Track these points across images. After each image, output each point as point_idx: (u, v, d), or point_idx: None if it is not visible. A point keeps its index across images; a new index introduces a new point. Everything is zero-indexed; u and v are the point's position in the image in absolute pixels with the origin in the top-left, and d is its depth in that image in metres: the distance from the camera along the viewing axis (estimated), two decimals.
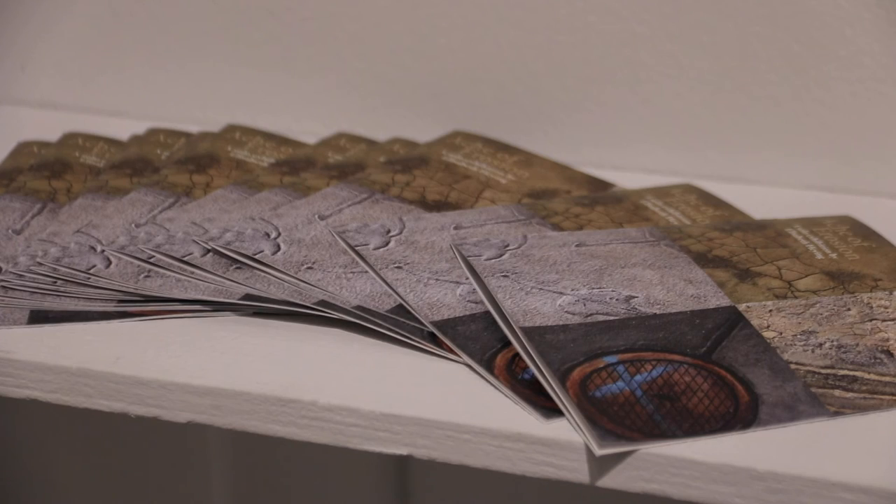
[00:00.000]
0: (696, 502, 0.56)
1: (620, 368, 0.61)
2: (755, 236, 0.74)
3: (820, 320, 0.66)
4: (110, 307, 0.68)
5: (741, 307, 0.66)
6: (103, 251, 0.71)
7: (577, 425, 0.57)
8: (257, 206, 0.76)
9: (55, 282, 0.69)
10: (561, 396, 0.59)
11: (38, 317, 0.67)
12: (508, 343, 0.63)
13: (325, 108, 0.93)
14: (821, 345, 0.64)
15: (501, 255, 0.69)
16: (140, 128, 0.89)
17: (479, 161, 0.84)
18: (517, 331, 0.62)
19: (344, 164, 0.83)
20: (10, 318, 0.67)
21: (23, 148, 0.86)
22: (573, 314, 0.64)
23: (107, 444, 1.06)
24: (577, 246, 0.70)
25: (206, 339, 0.65)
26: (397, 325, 0.65)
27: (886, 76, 0.83)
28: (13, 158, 0.85)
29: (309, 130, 0.91)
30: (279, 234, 0.72)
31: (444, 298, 0.66)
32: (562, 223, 0.75)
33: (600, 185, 0.83)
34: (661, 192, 0.81)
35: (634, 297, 0.66)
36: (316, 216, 0.74)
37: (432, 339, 0.64)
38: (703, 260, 0.70)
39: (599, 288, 0.67)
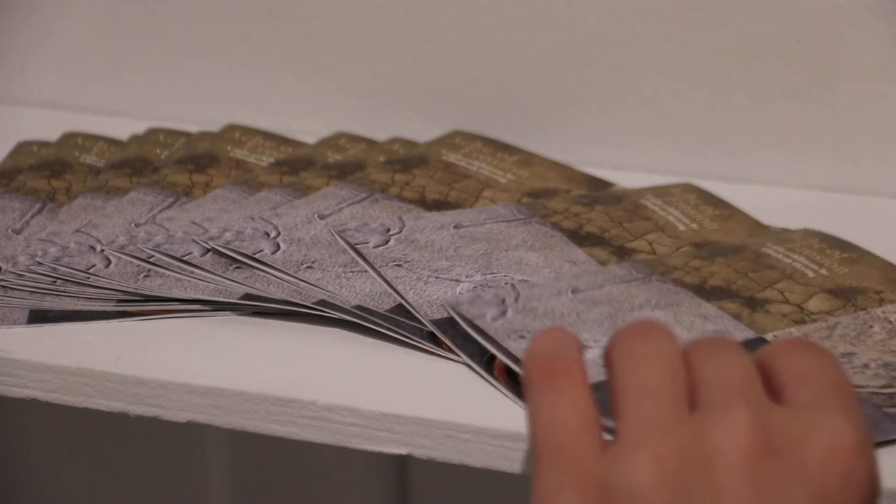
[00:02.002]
0: None
1: None
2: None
3: (851, 341, 0.65)
4: (110, 307, 0.68)
5: None
6: (103, 251, 0.71)
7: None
8: (257, 205, 0.76)
9: (55, 281, 0.69)
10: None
11: (38, 316, 0.67)
12: None
13: (325, 108, 0.93)
14: (866, 366, 0.63)
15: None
16: (140, 128, 0.89)
17: (479, 161, 0.84)
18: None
19: (344, 164, 0.83)
20: (9, 318, 0.67)
21: (22, 148, 0.86)
22: None
23: (107, 444, 1.06)
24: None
25: (206, 339, 0.65)
26: (397, 325, 0.65)
27: (886, 76, 0.83)
28: (13, 158, 0.85)
29: (309, 130, 0.91)
30: (279, 234, 0.72)
31: (443, 296, 0.67)
32: (561, 222, 0.75)
33: (600, 185, 0.83)
34: (661, 192, 0.81)
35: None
36: (316, 215, 0.74)
37: (432, 339, 0.64)
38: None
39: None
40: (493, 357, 0.62)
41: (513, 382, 0.61)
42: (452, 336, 0.64)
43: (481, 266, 0.70)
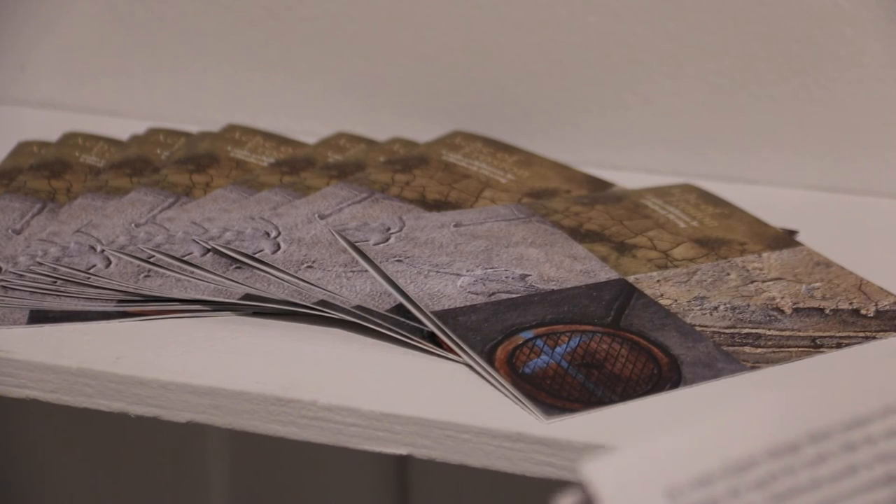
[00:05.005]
0: None
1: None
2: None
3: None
4: (110, 307, 0.68)
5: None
6: (103, 251, 0.71)
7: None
8: (257, 205, 0.76)
9: (55, 282, 0.69)
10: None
11: (38, 317, 0.67)
12: (509, 335, 0.63)
13: (325, 108, 0.93)
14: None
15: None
16: (140, 128, 0.89)
17: (479, 161, 0.84)
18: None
19: (344, 164, 0.83)
20: (10, 318, 0.67)
21: (23, 148, 0.86)
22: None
23: (107, 444, 1.06)
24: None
25: (206, 339, 0.65)
26: (397, 325, 0.65)
27: (886, 76, 0.83)
28: (13, 158, 0.85)
29: (309, 130, 0.91)
30: (279, 234, 0.72)
31: (444, 289, 0.67)
32: (561, 220, 0.75)
33: (600, 185, 0.83)
34: (661, 192, 0.81)
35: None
36: (316, 215, 0.74)
37: (432, 339, 0.64)
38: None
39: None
40: (494, 349, 0.63)
41: (514, 375, 0.61)
42: (454, 327, 0.64)
43: (482, 261, 0.70)
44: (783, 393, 0.48)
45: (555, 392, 0.60)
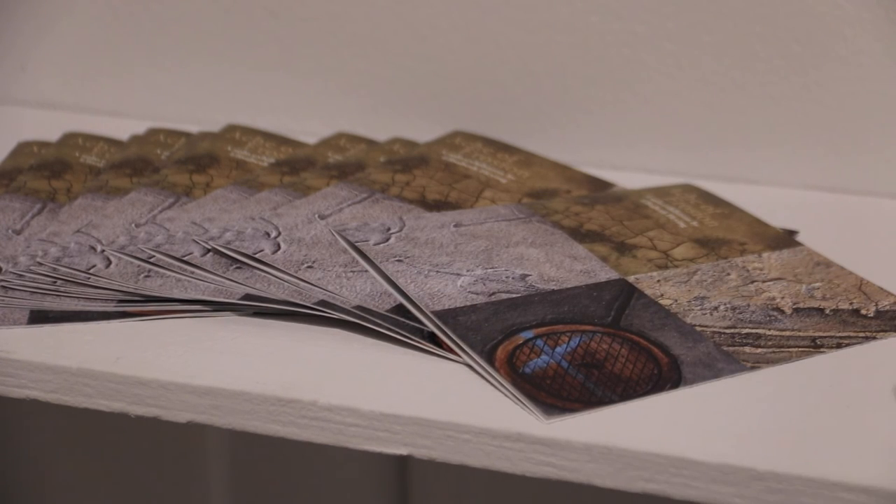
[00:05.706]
0: (696, 502, 0.57)
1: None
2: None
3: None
4: (110, 307, 0.68)
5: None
6: (103, 251, 0.71)
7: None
8: (257, 205, 0.76)
9: (55, 282, 0.69)
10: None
11: (38, 317, 0.67)
12: (509, 335, 0.63)
13: (325, 108, 0.93)
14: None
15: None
16: (140, 128, 0.89)
17: (479, 161, 0.84)
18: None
19: (344, 164, 0.83)
20: (10, 318, 0.67)
21: (23, 148, 0.86)
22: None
23: (107, 444, 1.06)
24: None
25: (206, 339, 0.65)
26: (397, 325, 0.65)
27: (886, 76, 0.83)
28: (13, 158, 0.85)
29: (309, 130, 0.91)
30: (279, 234, 0.72)
31: (444, 289, 0.67)
32: (561, 221, 0.75)
33: (600, 185, 0.83)
34: (661, 192, 0.81)
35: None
36: (316, 216, 0.74)
37: (432, 339, 0.64)
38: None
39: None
40: (494, 349, 0.63)
41: (514, 375, 0.61)
42: (454, 327, 0.64)
43: (482, 261, 0.70)
44: None
45: (555, 392, 0.60)
